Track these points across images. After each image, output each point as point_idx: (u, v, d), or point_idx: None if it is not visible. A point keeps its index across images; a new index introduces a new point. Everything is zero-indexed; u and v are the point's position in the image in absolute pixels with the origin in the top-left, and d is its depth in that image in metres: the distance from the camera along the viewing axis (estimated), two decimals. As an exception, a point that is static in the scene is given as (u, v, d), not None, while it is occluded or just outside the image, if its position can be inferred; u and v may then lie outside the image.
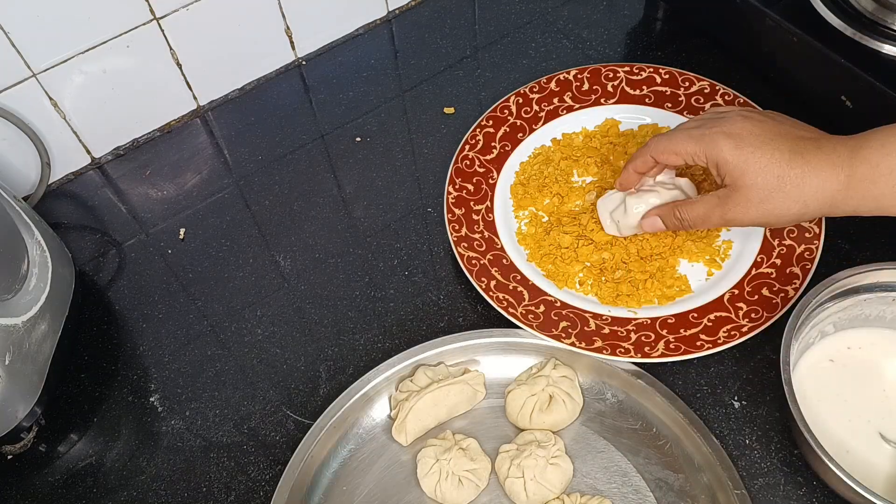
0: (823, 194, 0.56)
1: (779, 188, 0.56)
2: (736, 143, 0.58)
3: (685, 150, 0.61)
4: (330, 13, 0.90)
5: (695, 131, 0.61)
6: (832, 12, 0.73)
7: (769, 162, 0.56)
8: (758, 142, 0.57)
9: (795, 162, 0.56)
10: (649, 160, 0.65)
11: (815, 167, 0.55)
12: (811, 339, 0.63)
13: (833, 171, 0.55)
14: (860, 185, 0.54)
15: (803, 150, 0.56)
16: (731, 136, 0.58)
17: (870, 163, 0.54)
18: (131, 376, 0.71)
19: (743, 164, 0.57)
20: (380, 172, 0.82)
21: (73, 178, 0.85)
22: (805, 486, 0.59)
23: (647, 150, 0.64)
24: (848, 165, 0.55)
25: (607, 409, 0.64)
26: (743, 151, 0.57)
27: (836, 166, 0.55)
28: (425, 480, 0.61)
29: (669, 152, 0.62)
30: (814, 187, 0.56)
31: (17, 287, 0.64)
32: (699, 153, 0.60)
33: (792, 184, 0.56)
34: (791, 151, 0.56)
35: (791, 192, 0.56)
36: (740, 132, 0.58)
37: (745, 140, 0.58)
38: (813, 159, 0.56)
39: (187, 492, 0.64)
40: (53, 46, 0.75)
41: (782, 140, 0.57)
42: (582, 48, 0.89)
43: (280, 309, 0.73)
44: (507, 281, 0.69)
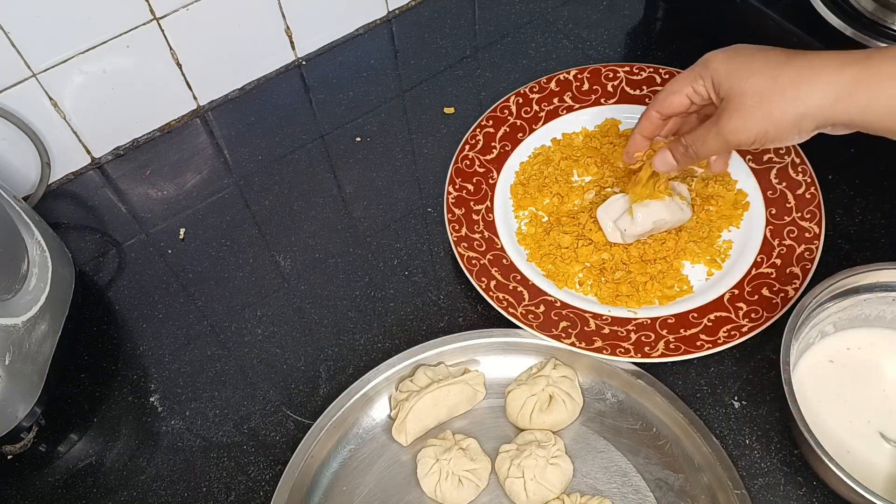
0: (825, 92, 0.51)
1: (773, 88, 0.52)
2: (727, 55, 0.56)
3: (681, 83, 0.59)
4: (330, 13, 0.90)
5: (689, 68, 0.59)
6: (832, 12, 0.73)
7: (763, 64, 0.53)
8: (750, 52, 0.55)
9: (793, 61, 0.52)
10: (653, 116, 0.62)
11: (815, 64, 0.51)
12: (811, 339, 0.63)
13: (839, 67, 0.50)
14: (872, 82, 0.49)
15: (804, 52, 0.53)
16: (723, 51, 0.57)
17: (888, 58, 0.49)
18: (131, 376, 0.71)
19: (735, 70, 0.55)
20: (380, 172, 0.82)
21: (73, 178, 0.85)
22: (805, 486, 0.59)
23: (650, 108, 0.62)
24: (862, 61, 0.50)
25: (607, 409, 0.64)
26: (735, 59, 0.55)
27: (844, 63, 0.50)
28: (425, 480, 0.61)
29: (669, 94, 0.60)
30: (814, 84, 0.51)
31: (17, 287, 0.64)
32: (694, 77, 0.58)
33: (789, 82, 0.51)
34: (788, 55, 0.53)
35: (787, 92, 0.52)
36: (733, 48, 0.56)
37: (737, 51, 0.56)
38: (815, 58, 0.51)
39: (187, 492, 0.64)
40: (53, 46, 0.75)
41: (779, 50, 0.54)
42: (582, 48, 0.89)
43: (280, 309, 0.73)
44: (507, 281, 0.69)
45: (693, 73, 0.58)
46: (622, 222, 0.68)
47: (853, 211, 0.72)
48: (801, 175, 0.71)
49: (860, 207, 0.72)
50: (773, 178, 0.72)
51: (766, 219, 0.70)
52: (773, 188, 0.72)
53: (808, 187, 0.71)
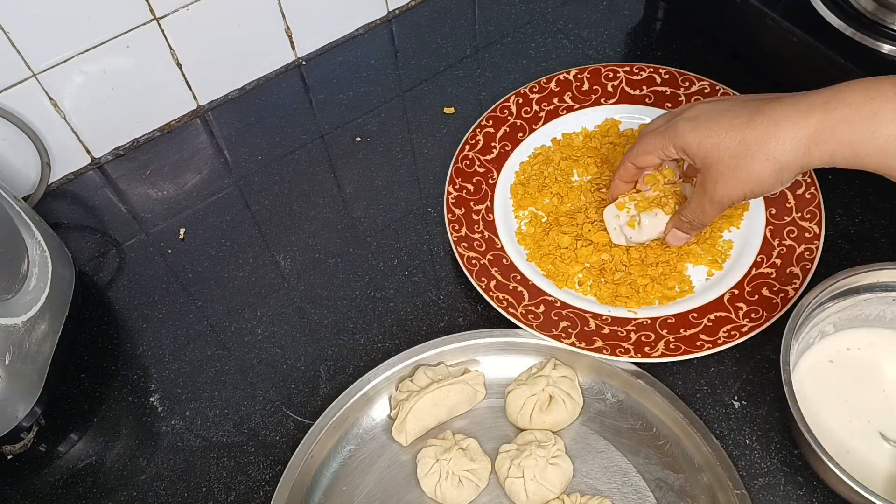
0: (793, 145, 0.52)
1: (743, 153, 0.54)
2: (693, 124, 0.58)
3: (653, 146, 0.62)
4: (330, 13, 0.90)
5: (660, 127, 0.61)
6: (832, 12, 0.73)
7: (727, 131, 0.55)
8: (714, 116, 0.57)
9: (755, 121, 0.54)
10: (630, 167, 0.66)
11: (778, 119, 0.53)
12: (811, 339, 0.63)
13: (801, 118, 0.52)
14: (837, 127, 0.51)
15: (764, 108, 0.54)
16: (690, 119, 0.58)
17: (850, 105, 0.51)
18: (131, 376, 0.71)
19: (704, 141, 0.57)
20: (380, 172, 0.82)
21: (73, 178, 0.85)
22: (805, 486, 0.59)
23: (626, 159, 0.66)
24: (821, 109, 0.51)
25: (607, 409, 0.64)
26: (700, 130, 0.57)
27: (804, 113, 0.52)
28: (425, 480, 0.61)
29: (642, 154, 0.63)
30: (781, 140, 0.53)
31: (17, 287, 0.64)
32: (666, 144, 0.60)
33: (756, 143, 0.54)
34: (750, 113, 0.54)
35: (757, 153, 0.54)
36: (698, 114, 0.58)
37: (701, 119, 0.57)
38: (776, 112, 0.53)
39: (187, 492, 0.64)
40: (53, 46, 0.75)
41: (741, 107, 0.56)
42: (582, 48, 0.89)
43: (280, 309, 0.73)
44: (507, 281, 0.69)
45: (663, 138, 0.60)
46: (627, 230, 0.68)
47: (853, 211, 0.72)
48: (800, 175, 0.71)
49: (860, 207, 0.72)
50: (773, 178, 0.72)
51: (766, 219, 0.70)
52: (773, 188, 0.72)
53: (808, 187, 0.71)
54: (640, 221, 0.67)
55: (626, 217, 0.68)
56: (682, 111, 0.61)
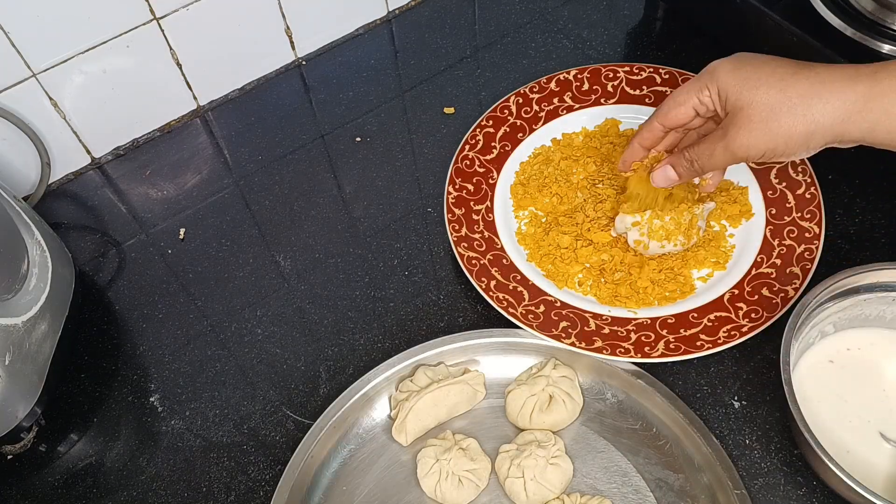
0: (835, 108, 0.49)
1: (783, 102, 0.50)
2: (734, 64, 0.54)
3: (686, 94, 0.57)
4: (330, 13, 0.90)
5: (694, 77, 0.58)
6: (832, 12, 0.73)
7: (771, 75, 0.51)
8: (757, 63, 0.53)
9: (802, 74, 0.50)
10: (656, 127, 0.61)
11: (825, 79, 0.50)
12: (811, 339, 0.63)
13: (848, 83, 0.49)
14: (883, 98, 0.48)
15: (812, 65, 0.51)
16: (730, 61, 0.55)
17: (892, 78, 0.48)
18: (131, 376, 0.71)
19: (742, 81, 0.53)
20: (380, 172, 0.82)
21: (73, 178, 0.85)
22: (805, 486, 0.59)
23: (653, 118, 0.60)
24: (870, 77, 0.49)
25: (607, 409, 0.64)
26: (742, 70, 0.53)
27: (852, 79, 0.49)
28: (425, 480, 0.61)
29: (674, 105, 0.58)
30: (824, 101, 0.49)
31: (17, 287, 0.64)
32: (700, 88, 0.56)
33: (798, 96, 0.50)
34: (797, 67, 0.51)
35: (797, 107, 0.50)
36: (739, 59, 0.55)
37: (744, 61, 0.54)
38: (823, 72, 0.50)
39: (187, 492, 0.64)
40: (53, 46, 0.75)
41: (786, 61, 0.53)
42: (582, 48, 0.89)
43: (280, 309, 0.73)
44: (507, 281, 0.69)
45: (699, 83, 0.56)
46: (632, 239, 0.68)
47: (853, 211, 0.72)
48: (801, 175, 0.71)
49: (860, 207, 0.72)
50: (773, 177, 0.72)
51: (766, 219, 0.70)
52: (773, 188, 0.72)
53: (808, 187, 0.71)
54: (649, 245, 0.67)
55: (637, 235, 0.68)
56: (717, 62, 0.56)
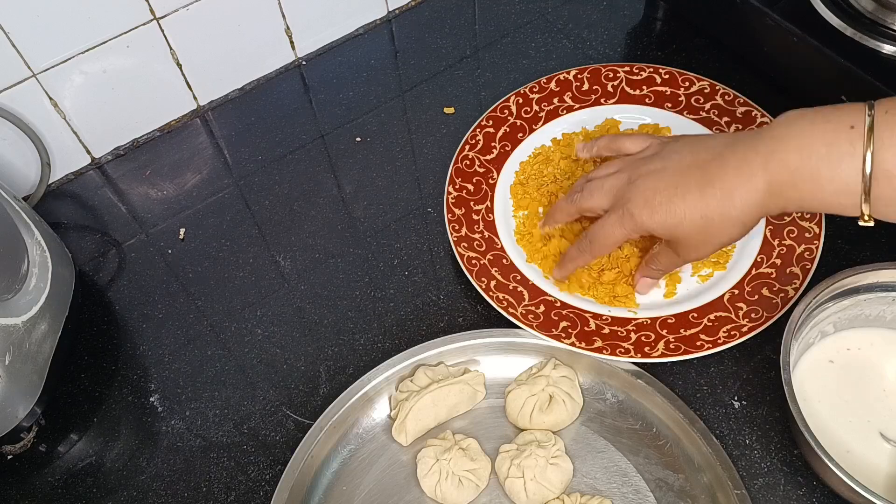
0: (750, 207, 0.55)
1: (708, 225, 0.57)
2: (650, 209, 0.58)
3: (616, 240, 0.62)
4: (330, 13, 0.90)
5: (612, 217, 0.61)
6: (832, 12, 0.73)
7: (685, 210, 0.57)
8: (666, 196, 0.58)
9: (708, 194, 0.56)
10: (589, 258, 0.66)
11: (729, 189, 0.55)
12: (811, 339, 0.63)
13: (749, 184, 0.54)
14: (781, 192, 0.53)
15: (711, 178, 0.56)
16: (644, 205, 0.59)
17: (788, 168, 0.52)
18: (131, 376, 0.71)
19: (667, 224, 0.58)
20: (380, 172, 0.82)
21: (73, 178, 0.85)
22: (805, 486, 0.59)
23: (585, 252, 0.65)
24: (763, 171, 0.53)
25: (607, 409, 0.64)
26: (658, 214, 0.58)
27: (750, 178, 0.54)
28: (425, 480, 0.61)
29: (605, 247, 0.63)
30: (737, 207, 0.55)
31: (17, 287, 0.64)
32: (630, 234, 0.61)
33: (717, 214, 0.56)
34: (699, 186, 0.56)
35: (721, 221, 0.56)
36: (650, 198, 0.58)
37: (655, 203, 0.58)
38: (724, 183, 0.55)
39: (187, 492, 0.64)
40: (53, 46, 0.75)
41: (686, 179, 0.57)
42: (582, 48, 0.89)
43: (280, 309, 0.73)
44: (507, 281, 0.69)
45: (626, 230, 0.61)
46: None
47: (853, 211, 0.72)
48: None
49: (860, 207, 0.72)
50: (773, 178, 0.72)
51: (767, 219, 0.70)
52: (773, 188, 0.72)
53: (808, 187, 0.71)
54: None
55: None
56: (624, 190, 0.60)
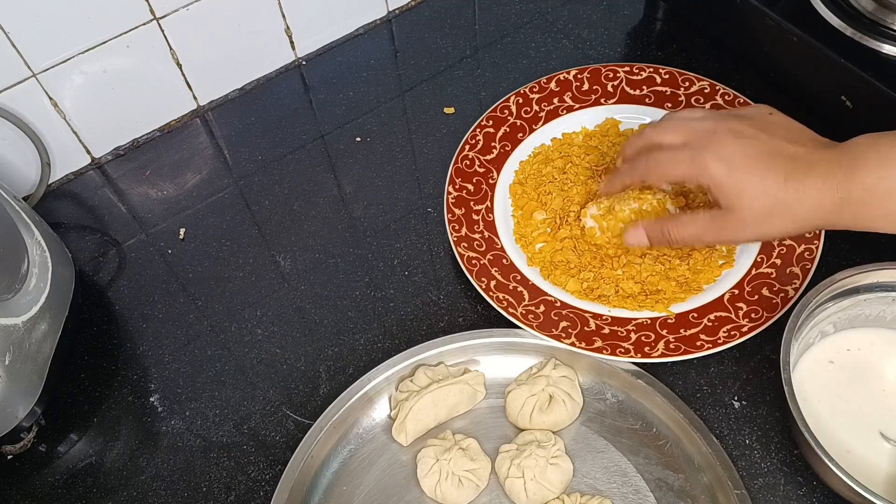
0: (817, 215, 0.55)
1: (775, 211, 0.56)
2: (728, 167, 0.57)
3: (676, 175, 0.60)
4: (330, 13, 0.90)
5: (683, 153, 0.59)
6: (832, 12, 0.73)
7: (764, 187, 0.56)
8: (750, 165, 0.56)
9: (791, 185, 0.55)
10: (637, 182, 0.65)
11: (809, 191, 0.55)
12: (811, 339, 0.63)
13: (828, 195, 0.54)
14: (853, 207, 0.54)
15: (798, 173, 0.56)
16: (723, 159, 0.57)
17: (864, 186, 0.53)
18: (131, 376, 0.71)
19: (737, 189, 0.56)
20: (380, 172, 0.82)
21: (73, 178, 0.85)
22: (805, 486, 0.59)
23: (637, 173, 0.63)
24: (843, 188, 0.54)
25: (607, 409, 0.64)
26: (735, 176, 0.56)
27: (830, 190, 0.54)
28: (425, 480, 0.61)
29: (660, 178, 0.62)
30: (808, 208, 0.55)
31: (17, 287, 0.64)
32: (690, 177, 0.59)
33: (788, 207, 0.56)
34: (786, 174, 0.56)
35: (786, 215, 0.56)
36: (731, 155, 0.57)
37: (736, 164, 0.57)
38: (808, 182, 0.55)
39: (187, 492, 0.64)
40: (53, 46, 0.75)
41: (775, 161, 0.56)
42: (582, 48, 0.89)
43: (280, 309, 0.73)
44: (507, 281, 0.69)
45: (690, 171, 0.58)
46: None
47: (853, 211, 0.72)
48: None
49: (860, 207, 0.72)
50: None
51: (766, 219, 0.70)
52: (773, 188, 0.72)
53: (808, 187, 0.71)
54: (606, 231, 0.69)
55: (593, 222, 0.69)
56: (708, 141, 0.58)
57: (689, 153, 0.59)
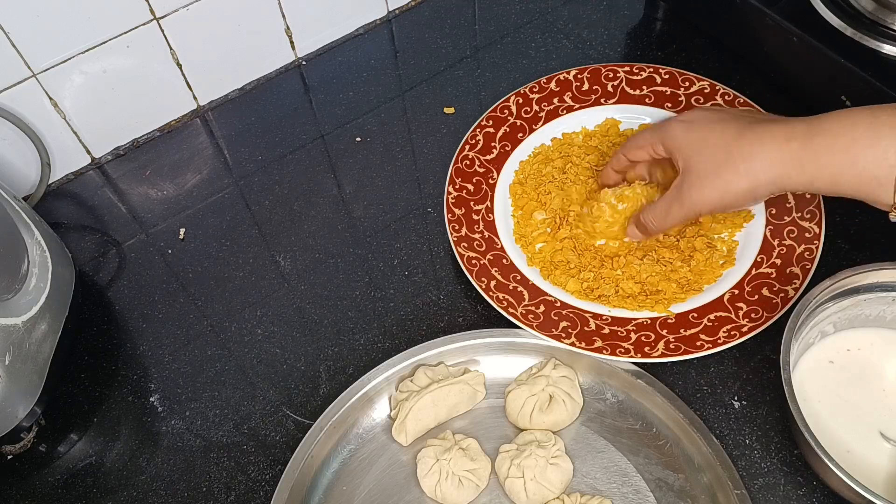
0: (773, 166, 0.55)
1: (727, 162, 0.56)
2: (687, 125, 0.60)
3: (645, 140, 0.64)
4: (330, 13, 0.90)
5: (654, 126, 0.65)
6: (832, 12, 0.73)
7: (718, 138, 0.57)
8: (708, 122, 0.59)
9: (744, 136, 0.56)
10: (621, 158, 0.68)
11: (763, 139, 0.55)
12: (811, 339, 0.63)
13: (784, 142, 0.54)
14: (816, 156, 0.53)
15: (754, 125, 0.56)
16: (684, 121, 0.61)
17: (830, 133, 0.52)
18: (131, 376, 0.71)
19: (692, 143, 0.59)
20: (380, 172, 0.82)
21: (73, 178, 0.85)
22: (805, 486, 0.59)
23: (619, 151, 0.68)
24: (803, 135, 0.53)
25: (607, 409, 0.64)
26: (692, 132, 0.59)
27: (788, 137, 0.54)
28: (425, 480, 0.61)
29: (633, 147, 0.66)
30: (763, 159, 0.55)
31: (17, 287, 0.64)
32: (656, 141, 0.63)
33: (740, 156, 0.55)
34: (740, 128, 0.57)
35: (740, 166, 0.56)
36: (693, 118, 0.61)
37: (695, 123, 0.60)
38: (763, 132, 0.55)
39: (187, 492, 0.64)
40: (53, 46, 0.75)
41: (734, 120, 0.58)
42: (582, 48, 0.89)
43: (280, 309, 0.73)
44: (507, 281, 0.69)
45: (654, 136, 0.63)
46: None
47: (853, 211, 0.72)
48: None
49: (860, 207, 0.71)
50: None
51: (766, 219, 0.70)
52: (773, 188, 0.72)
53: (808, 187, 0.71)
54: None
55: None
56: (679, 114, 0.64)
57: (657, 124, 0.64)
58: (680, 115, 0.63)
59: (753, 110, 0.62)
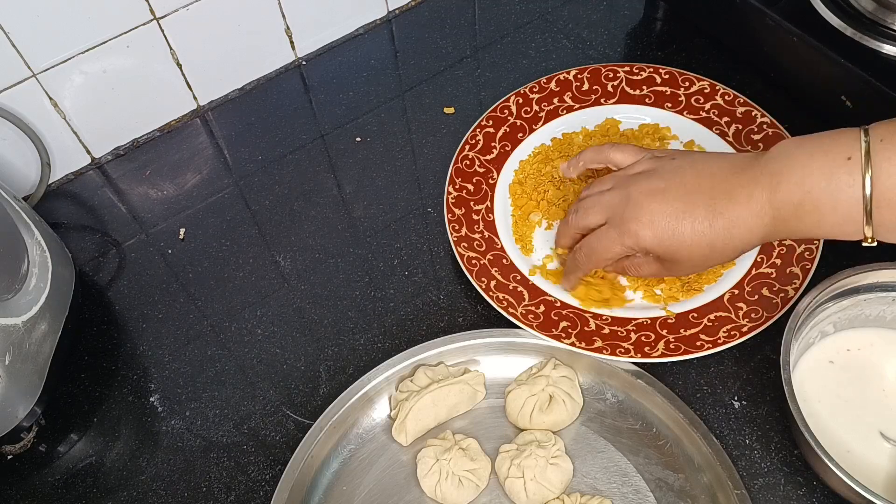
0: (753, 237, 0.57)
1: (713, 250, 0.58)
2: (654, 230, 0.58)
3: (614, 255, 0.61)
4: (330, 13, 0.90)
5: (610, 233, 0.61)
6: (832, 12, 0.73)
7: (693, 238, 0.57)
8: (673, 220, 0.57)
9: (718, 223, 0.56)
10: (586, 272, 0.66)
11: (737, 222, 0.56)
12: (811, 339, 0.63)
13: (758, 219, 0.55)
14: (785, 224, 0.55)
15: (721, 206, 0.56)
16: (646, 225, 0.58)
17: (791, 203, 0.53)
18: (131, 376, 0.71)
19: (671, 249, 0.58)
20: (380, 172, 0.82)
21: (73, 178, 0.85)
22: (805, 486, 0.59)
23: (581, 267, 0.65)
24: (770, 208, 0.55)
25: (607, 409, 0.64)
26: (664, 237, 0.58)
27: (757, 214, 0.55)
28: (425, 480, 0.61)
29: (601, 263, 0.63)
30: (743, 236, 0.56)
31: (17, 287, 0.64)
32: (629, 252, 0.61)
33: (722, 244, 0.57)
34: (708, 215, 0.57)
35: (727, 248, 0.57)
36: (652, 217, 0.58)
37: (660, 224, 0.58)
38: (734, 214, 0.56)
39: (187, 492, 0.64)
40: (53, 46, 0.75)
41: (695, 206, 0.57)
42: (582, 48, 0.89)
43: (280, 309, 0.73)
44: (507, 281, 0.69)
45: (624, 247, 0.60)
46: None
47: (853, 211, 0.72)
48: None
49: (860, 207, 0.72)
50: (773, 178, 0.72)
51: (766, 219, 0.70)
52: (773, 188, 0.72)
53: (808, 187, 0.71)
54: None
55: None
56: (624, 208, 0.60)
57: (615, 231, 0.60)
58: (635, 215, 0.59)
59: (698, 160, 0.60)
